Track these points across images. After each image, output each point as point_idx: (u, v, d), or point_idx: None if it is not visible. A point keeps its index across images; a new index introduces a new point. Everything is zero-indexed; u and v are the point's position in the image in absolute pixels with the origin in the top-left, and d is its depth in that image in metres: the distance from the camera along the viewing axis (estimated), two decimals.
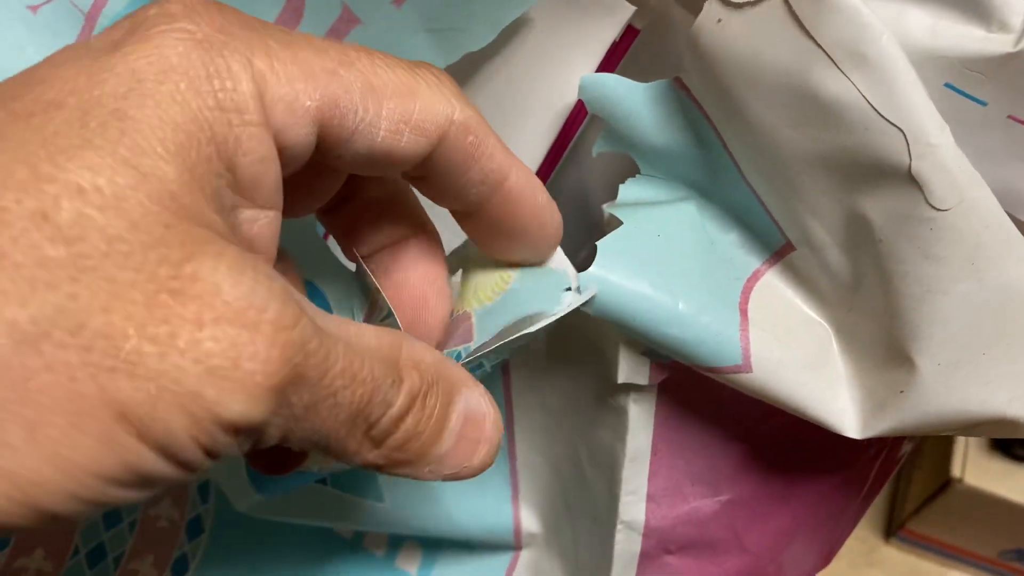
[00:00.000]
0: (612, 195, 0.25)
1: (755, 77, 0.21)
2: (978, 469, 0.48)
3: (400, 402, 0.17)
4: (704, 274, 0.23)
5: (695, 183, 0.25)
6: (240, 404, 0.14)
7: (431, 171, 0.19)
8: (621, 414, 0.28)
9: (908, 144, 0.19)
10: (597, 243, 0.23)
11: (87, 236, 0.13)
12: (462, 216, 0.21)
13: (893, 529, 0.55)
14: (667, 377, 0.26)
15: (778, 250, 0.24)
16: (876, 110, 0.19)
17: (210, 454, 0.14)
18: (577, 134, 0.27)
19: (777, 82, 0.20)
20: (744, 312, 0.23)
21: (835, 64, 0.19)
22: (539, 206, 0.21)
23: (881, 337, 0.22)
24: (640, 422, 0.27)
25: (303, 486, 0.32)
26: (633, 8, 0.23)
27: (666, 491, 0.28)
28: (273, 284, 0.15)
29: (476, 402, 0.19)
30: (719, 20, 0.21)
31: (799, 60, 0.20)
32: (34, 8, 0.24)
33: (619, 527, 0.29)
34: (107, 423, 0.13)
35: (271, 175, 0.17)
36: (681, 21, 0.24)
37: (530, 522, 0.34)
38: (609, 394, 0.28)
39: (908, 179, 0.20)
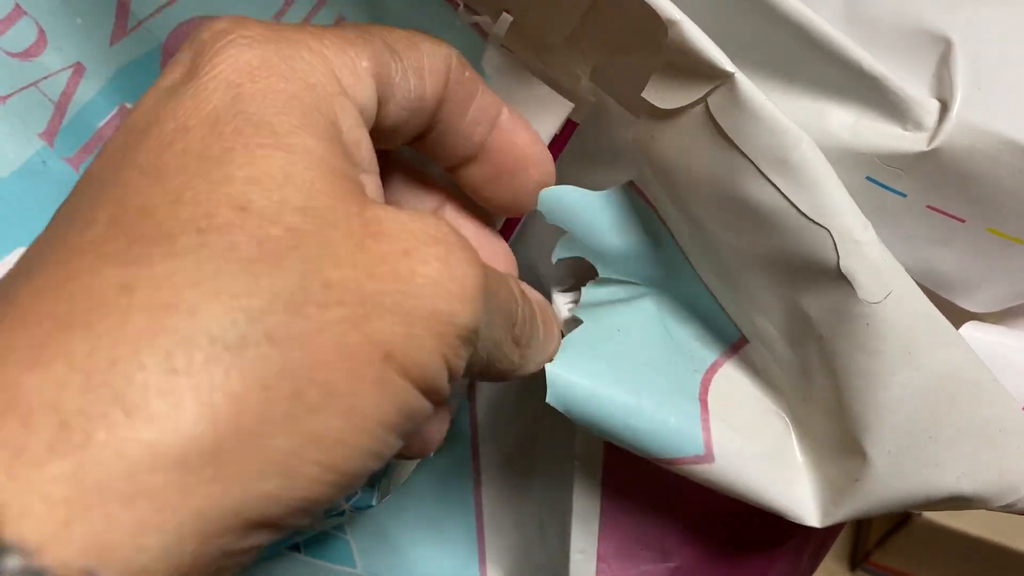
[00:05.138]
0: (561, 271, 0.26)
1: (691, 185, 0.21)
2: None
3: (520, 297, 0.20)
4: (664, 367, 0.24)
5: (652, 279, 0.25)
6: (466, 308, 0.16)
7: (440, 117, 0.21)
8: (567, 474, 0.28)
9: (835, 243, 0.20)
10: None
11: (283, 212, 0.15)
12: (462, 166, 0.22)
13: (858, 560, 0.56)
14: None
15: (734, 343, 0.24)
16: (802, 212, 0.20)
17: (451, 373, 0.16)
18: (523, 217, 0.27)
19: (709, 189, 0.21)
20: (704, 403, 0.23)
21: (759, 171, 0.20)
22: (534, 134, 0.22)
23: (833, 428, 0.23)
24: (585, 483, 0.28)
25: (276, 555, 0.33)
26: (571, 105, 0.24)
27: (617, 553, 0.29)
28: (429, 216, 0.16)
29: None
30: (652, 136, 0.22)
31: (725, 168, 0.20)
32: (3, 99, 0.24)
33: None
34: (379, 366, 0.15)
35: (365, 138, 0.18)
36: (617, 114, 0.24)
37: None
38: (559, 451, 0.29)
39: (838, 276, 0.20)
